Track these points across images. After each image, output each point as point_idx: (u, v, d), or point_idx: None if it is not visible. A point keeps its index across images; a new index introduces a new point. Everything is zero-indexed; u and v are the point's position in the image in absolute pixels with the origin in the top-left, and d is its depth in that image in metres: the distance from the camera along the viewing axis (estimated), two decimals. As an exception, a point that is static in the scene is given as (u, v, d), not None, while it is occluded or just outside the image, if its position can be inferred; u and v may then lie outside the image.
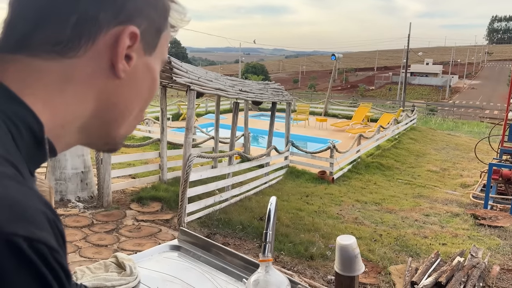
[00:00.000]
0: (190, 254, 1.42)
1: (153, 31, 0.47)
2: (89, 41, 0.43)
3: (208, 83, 5.69)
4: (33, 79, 0.42)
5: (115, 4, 0.44)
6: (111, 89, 0.46)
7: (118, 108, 0.47)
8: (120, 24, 0.44)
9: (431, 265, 4.42)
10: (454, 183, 9.48)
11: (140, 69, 0.47)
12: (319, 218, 6.22)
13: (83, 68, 0.43)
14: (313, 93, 48.64)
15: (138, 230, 5.12)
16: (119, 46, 0.44)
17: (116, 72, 0.45)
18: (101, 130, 0.48)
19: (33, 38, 0.42)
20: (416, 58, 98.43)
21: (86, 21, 0.42)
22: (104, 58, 0.44)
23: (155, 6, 0.47)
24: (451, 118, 27.84)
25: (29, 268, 0.32)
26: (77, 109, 0.44)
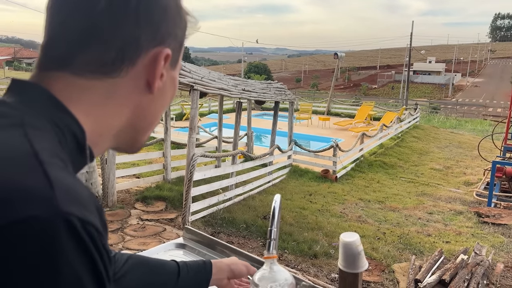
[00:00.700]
0: (195, 252, 1.44)
1: (178, 47, 0.53)
2: (131, 63, 0.48)
3: (211, 83, 5.72)
4: (77, 94, 0.46)
5: (152, 28, 0.48)
6: (144, 103, 0.51)
7: (148, 118, 0.53)
8: (156, 47, 0.49)
9: (434, 263, 4.43)
10: (458, 181, 9.47)
11: (167, 83, 0.53)
12: (322, 216, 6.24)
13: (123, 86, 0.48)
14: (316, 92, 48.62)
15: (142, 229, 5.16)
16: (157, 68, 0.49)
17: (152, 90, 0.50)
18: (131, 136, 0.54)
19: (77, 58, 0.45)
20: (419, 57, 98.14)
21: (129, 45, 0.47)
22: (141, 78, 0.49)
23: (180, 25, 0.52)
24: (454, 116, 27.75)
25: (80, 244, 0.37)
26: (115, 121, 0.50)
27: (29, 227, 0.35)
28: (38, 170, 0.38)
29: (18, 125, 0.41)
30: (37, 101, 0.45)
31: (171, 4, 0.50)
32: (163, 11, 0.49)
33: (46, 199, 0.36)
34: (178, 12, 0.52)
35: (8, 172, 0.37)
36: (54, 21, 0.47)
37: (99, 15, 0.45)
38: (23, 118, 0.42)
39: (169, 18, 0.50)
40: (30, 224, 0.35)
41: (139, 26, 0.47)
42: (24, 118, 0.42)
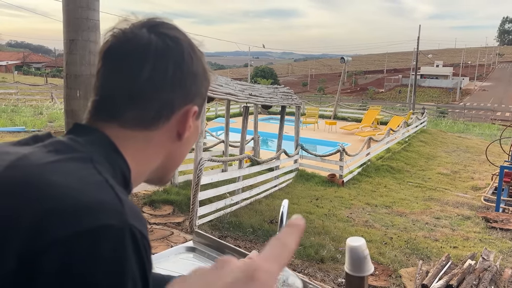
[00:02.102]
0: (205, 255, 1.47)
1: (202, 102, 0.63)
2: (166, 120, 0.58)
3: (218, 87, 5.77)
4: (123, 142, 0.57)
5: (184, 92, 0.59)
6: (174, 149, 0.62)
7: (176, 160, 0.64)
8: (186, 105, 0.59)
9: (442, 268, 4.42)
10: (465, 186, 9.41)
11: (192, 131, 0.62)
12: (329, 221, 6.24)
13: (159, 137, 0.59)
14: (322, 96, 48.59)
15: (150, 233, 5.20)
16: (187, 123, 0.60)
17: (182, 139, 0.61)
18: (162, 174, 0.65)
19: (124, 114, 0.57)
20: (426, 60, 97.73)
21: (165, 106, 0.57)
22: (174, 130, 0.60)
23: (205, 86, 0.63)
24: (462, 120, 27.59)
25: (138, 251, 0.46)
26: (152, 163, 0.61)
27: (106, 232, 0.44)
28: (111, 191, 0.48)
29: (88, 159, 0.52)
30: (99, 142, 0.56)
31: (200, 70, 0.60)
32: (194, 77, 0.59)
33: (119, 212, 0.46)
34: (205, 75, 0.62)
35: (91, 191, 0.47)
36: (105, 83, 0.58)
37: (142, 83, 0.55)
38: (91, 154, 0.53)
39: (198, 82, 0.60)
40: (107, 230, 0.44)
41: (174, 91, 0.57)
42: (91, 154, 0.53)
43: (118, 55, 0.57)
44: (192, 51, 0.59)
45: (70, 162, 0.51)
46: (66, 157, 0.51)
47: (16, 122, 12.95)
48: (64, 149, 0.53)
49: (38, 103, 19.36)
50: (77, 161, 0.51)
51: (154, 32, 0.57)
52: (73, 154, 0.52)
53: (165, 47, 0.56)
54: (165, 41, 0.57)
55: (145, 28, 0.57)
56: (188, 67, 0.58)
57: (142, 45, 0.56)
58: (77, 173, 0.49)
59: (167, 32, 0.58)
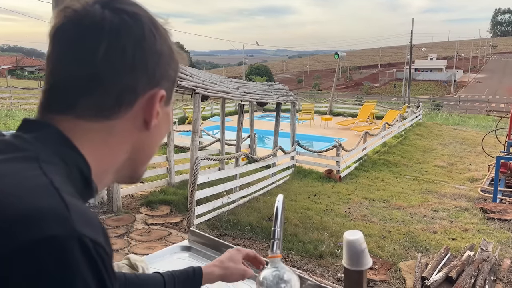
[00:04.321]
0: (200, 254, 1.45)
1: (171, 85, 0.57)
2: (128, 106, 0.52)
3: (212, 86, 5.74)
4: (81, 135, 0.50)
5: (148, 74, 0.52)
6: (142, 139, 0.56)
7: (146, 151, 0.58)
8: (151, 89, 0.53)
9: (441, 260, 4.42)
10: (462, 178, 9.43)
11: (162, 119, 0.56)
12: (327, 216, 6.23)
13: (122, 127, 0.53)
14: (318, 92, 48.57)
15: (148, 233, 5.17)
16: (153, 108, 0.53)
17: (149, 128, 0.54)
18: (131, 169, 0.58)
19: (80, 104, 0.50)
20: (420, 54, 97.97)
21: (127, 91, 0.51)
22: (139, 118, 0.53)
23: (173, 67, 0.56)
24: (457, 112, 27.66)
25: (92, 263, 0.41)
26: (116, 157, 0.54)
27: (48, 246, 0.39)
28: (55, 195, 0.42)
29: (33, 159, 0.46)
30: (50, 139, 0.49)
31: (165, 49, 0.54)
32: (158, 57, 0.53)
33: (64, 220, 0.41)
34: (171, 55, 0.55)
35: (30, 197, 0.41)
36: (56, 70, 0.51)
37: (98, 65, 0.49)
38: (38, 153, 0.47)
39: (163, 63, 0.54)
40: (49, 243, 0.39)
41: (136, 73, 0.51)
42: (38, 153, 0.47)
43: (68, 36, 0.50)
44: (154, 28, 0.52)
45: (10, 163, 0.45)
46: (7, 158, 0.45)
47: (10, 127, 12.86)
48: (5, 148, 0.47)
49: (32, 107, 19.24)
50: (20, 161, 0.45)
51: (108, 7, 0.50)
52: (16, 153, 0.46)
53: (121, 23, 0.50)
54: (122, 17, 0.50)
55: (98, 4, 0.50)
56: (151, 45, 0.51)
57: (95, 23, 0.49)
58: (16, 176, 0.43)
59: (123, 8, 0.51)
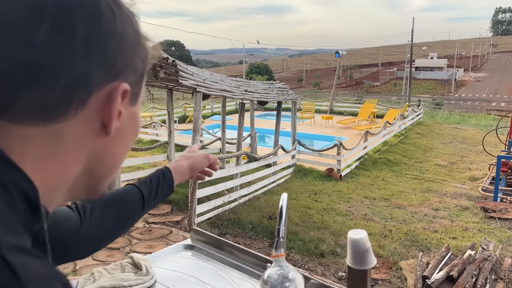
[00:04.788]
0: (203, 253, 1.45)
1: (138, 79, 0.45)
2: (80, 104, 0.39)
3: (213, 84, 5.73)
4: (20, 146, 0.38)
5: (106, 62, 0.40)
6: (101, 147, 0.44)
7: (107, 162, 0.46)
8: (111, 82, 0.41)
9: (442, 259, 4.42)
10: (463, 177, 9.43)
11: (126, 121, 0.45)
12: (328, 215, 6.23)
13: (74, 131, 0.40)
14: (318, 91, 48.58)
15: (149, 232, 5.17)
16: (113, 106, 0.41)
17: (108, 131, 0.42)
18: (90, 184, 0.47)
19: (16, 103, 0.37)
20: (420, 53, 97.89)
21: (77, 83, 0.38)
22: (95, 119, 0.41)
23: (140, 55, 0.44)
24: (457, 111, 27.65)
25: None
26: (68, 170, 0.42)
27: None
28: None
29: None
30: None
31: (129, 32, 0.42)
32: (119, 41, 0.41)
33: None
34: (137, 40, 0.44)
35: None
36: None
37: (39, 50, 0.36)
38: None
39: (127, 49, 0.42)
40: None
41: (89, 60, 0.39)
42: None
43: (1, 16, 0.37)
44: (114, 4, 0.41)
45: None
46: None
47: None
48: None
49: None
50: None
51: None
52: None
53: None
54: None
55: None
56: (109, 25, 0.40)
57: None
58: None
59: None
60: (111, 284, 1.16)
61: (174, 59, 5.10)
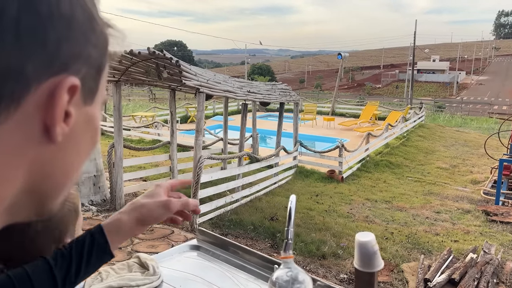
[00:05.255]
0: (209, 254, 1.45)
1: (94, 73, 0.37)
2: (13, 103, 0.31)
3: (216, 85, 5.74)
4: None
5: (46, 50, 0.32)
6: (45, 157, 0.35)
7: (55, 177, 0.38)
8: (54, 75, 0.33)
9: (444, 262, 4.42)
10: (465, 180, 9.42)
11: (80, 125, 0.37)
12: (329, 217, 6.23)
13: (7, 137, 0.32)
14: (320, 92, 48.58)
15: (151, 232, 5.18)
16: (56, 105, 0.33)
17: (53, 137, 0.34)
18: (34, 205, 0.38)
19: None
20: (422, 55, 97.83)
21: (7, 77, 0.31)
22: (34, 122, 0.33)
23: (95, 43, 0.36)
24: (459, 114, 27.63)
25: None
26: (3, 190, 0.34)
27: None
28: None
29: None
30: None
31: (78, 14, 0.34)
32: (65, 25, 0.33)
33: None
34: (91, 25, 0.36)
35: None
36: None
37: None
38: None
39: (75, 35, 0.34)
40: None
41: (23, 47, 0.31)
42: None
43: None
44: None
45: None
46: None
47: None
48: None
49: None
50: None
51: None
52: None
53: None
54: None
55: None
56: (50, 6, 0.32)
57: None
58: None
59: None
60: (119, 284, 1.16)
61: (178, 60, 5.11)
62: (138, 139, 11.86)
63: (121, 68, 5.68)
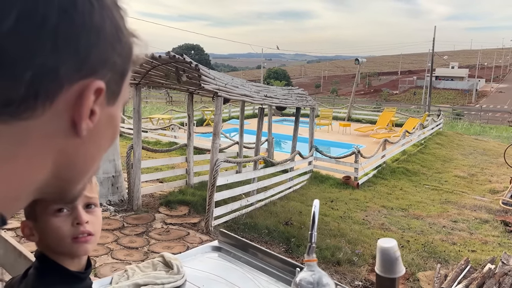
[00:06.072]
0: (230, 255, 1.48)
1: (118, 78, 0.42)
2: (47, 100, 0.36)
3: (234, 89, 5.79)
4: None
5: (78, 56, 0.37)
6: (70, 149, 0.40)
7: (78, 166, 0.43)
8: (83, 78, 0.38)
9: (461, 272, 4.36)
10: (483, 189, 9.26)
11: (102, 122, 0.42)
12: (344, 223, 6.21)
13: (39, 130, 0.37)
14: (336, 97, 48.35)
15: (167, 233, 5.24)
16: (84, 104, 0.38)
17: (79, 131, 0.39)
18: (60, 188, 0.44)
19: None
20: (441, 62, 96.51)
21: (44, 77, 0.35)
22: (64, 117, 0.38)
23: (120, 52, 0.41)
24: (478, 122, 27.15)
25: None
26: (32, 175, 0.39)
27: None
28: None
29: None
30: None
31: (106, 26, 0.39)
32: (95, 35, 0.38)
33: None
34: (117, 35, 0.41)
35: None
36: None
37: (4, 38, 0.33)
38: None
39: (103, 44, 0.39)
40: None
41: (59, 52, 0.35)
42: None
43: None
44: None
45: None
46: None
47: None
48: None
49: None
50: None
51: None
52: None
53: None
54: None
55: None
56: (84, 17, 0.37)
57: None
58: None
59: None
60: (145, 281, 1.20)
61: (197, 64, 5.18)
62: (155, 141, 12.01)
63: (142, 71, 5.79)
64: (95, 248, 2.70)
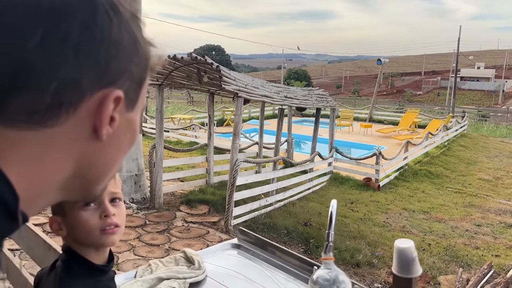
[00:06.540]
0: (249, 253, 1.52)
1: (135, 86, 0.45)
2: (71, 109, 0.39)
3: (254, 90, 5.83)
4: (6, 149, 0.38)
5: (99, 67, 0.40)
6: (91, 152, 0.44)
7: (99, 168, 0.46)
8: (103, 88, 0.41)
9: (483, 276, 4.27)
10: (508, 193, 9.03)
11: (122, 127, 0.45)
12: (364, 225, 6.17)
13: (63, 136, 0.40)
14: (357, 98, 47.87)
15: (187, 231, 5.33)
16: (104, 112, 0.41)
17: (100, 136, 0.42)
18: (81, 188, 0.47)
19: (5, 106, 0.37)
20: (466, 62, 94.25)
21: (68, 87, 0.38)
22: (86, 124, 0.41)
23: (137, 62, 0.44)
24: (504, 124, 26.40)
25: None
26: (56, 175, 0.42)
27: None
28: None
29: None
30: None
31: (124, 38, 0.42)
32: (113, 48, 0.41)
33: None
34: (134, 46, 0.44)
35: None
36: None
37: (31, 54, 0.36)
38: None
39: (122, 55, 0.42)
40: None
41: (80, 65, 0.39)
42: None
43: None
44: (112, 10, 0.42)
45: None
46: None
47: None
48: None
49: None
50: None
51: None
52: None
53: (65, 1, 0.39)
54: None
55: None
56: (104, 32, 0.40)
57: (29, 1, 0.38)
58: None
59: None
60: (168, 275, 1.25)
61: (218, 65, 5.24)
62: (176, 141, 12.18)
63: (164, 72, 5.89)
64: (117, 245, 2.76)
